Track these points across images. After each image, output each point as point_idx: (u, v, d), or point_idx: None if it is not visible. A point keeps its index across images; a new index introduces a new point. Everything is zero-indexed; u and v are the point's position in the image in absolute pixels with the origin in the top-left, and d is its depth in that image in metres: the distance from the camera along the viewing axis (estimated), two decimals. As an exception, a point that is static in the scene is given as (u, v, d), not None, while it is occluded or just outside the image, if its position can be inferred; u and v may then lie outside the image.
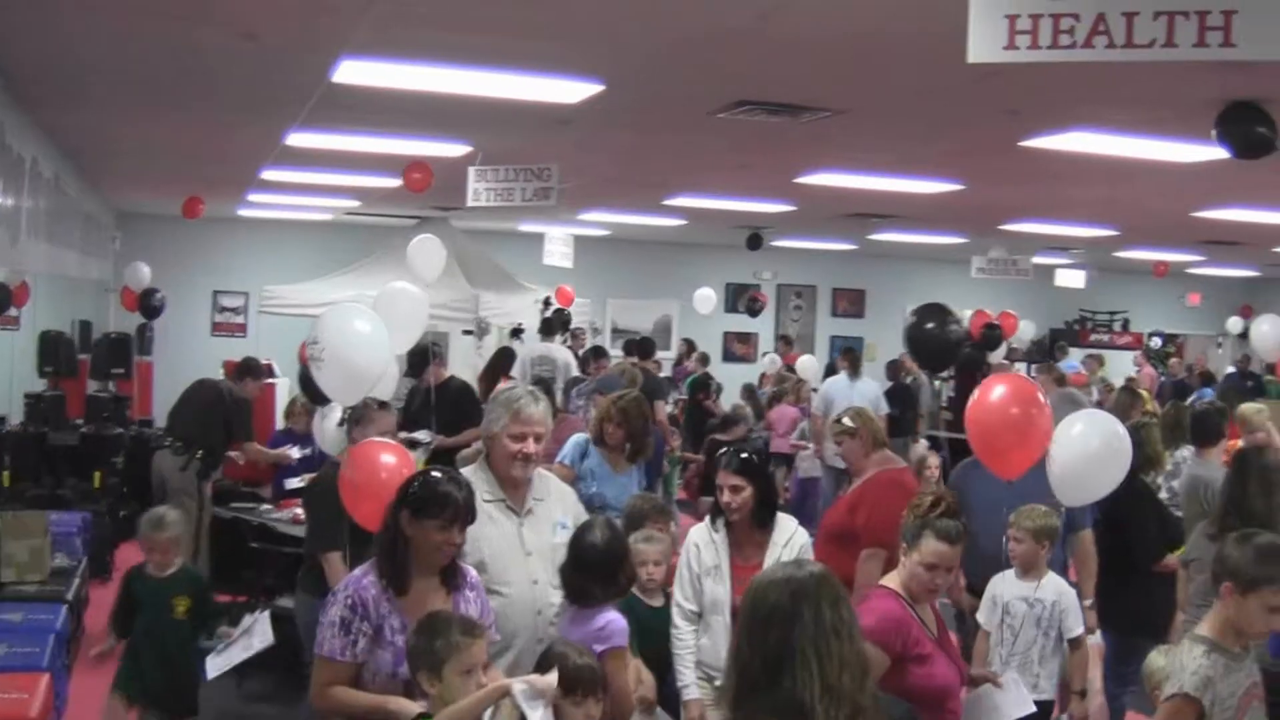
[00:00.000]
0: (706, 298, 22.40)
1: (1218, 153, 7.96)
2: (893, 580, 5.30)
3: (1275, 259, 21.72)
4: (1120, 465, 6.29)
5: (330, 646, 4.64)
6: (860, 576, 7.23)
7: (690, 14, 6.37)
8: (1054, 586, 6.68)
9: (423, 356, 12.03)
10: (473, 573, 5.06)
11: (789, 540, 6.27)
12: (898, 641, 5.00)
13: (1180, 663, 4.55)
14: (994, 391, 6.32)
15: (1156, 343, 26.29)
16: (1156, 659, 5.36)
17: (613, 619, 5.20)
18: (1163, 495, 9.24)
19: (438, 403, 11.33)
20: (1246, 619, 4.56)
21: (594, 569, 5.25)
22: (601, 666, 4.85)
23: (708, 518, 6.40)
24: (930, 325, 8.32)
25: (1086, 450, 6.23)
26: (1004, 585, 6.73)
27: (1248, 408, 10.32)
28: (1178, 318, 28.07)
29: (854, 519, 7.46)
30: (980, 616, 6.79)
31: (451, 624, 4.42)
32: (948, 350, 8.35)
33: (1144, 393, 17.16)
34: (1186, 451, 9.56)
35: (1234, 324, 24.51)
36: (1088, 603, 7.24)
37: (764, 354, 23.24)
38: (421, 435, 11.19)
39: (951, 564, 5.23)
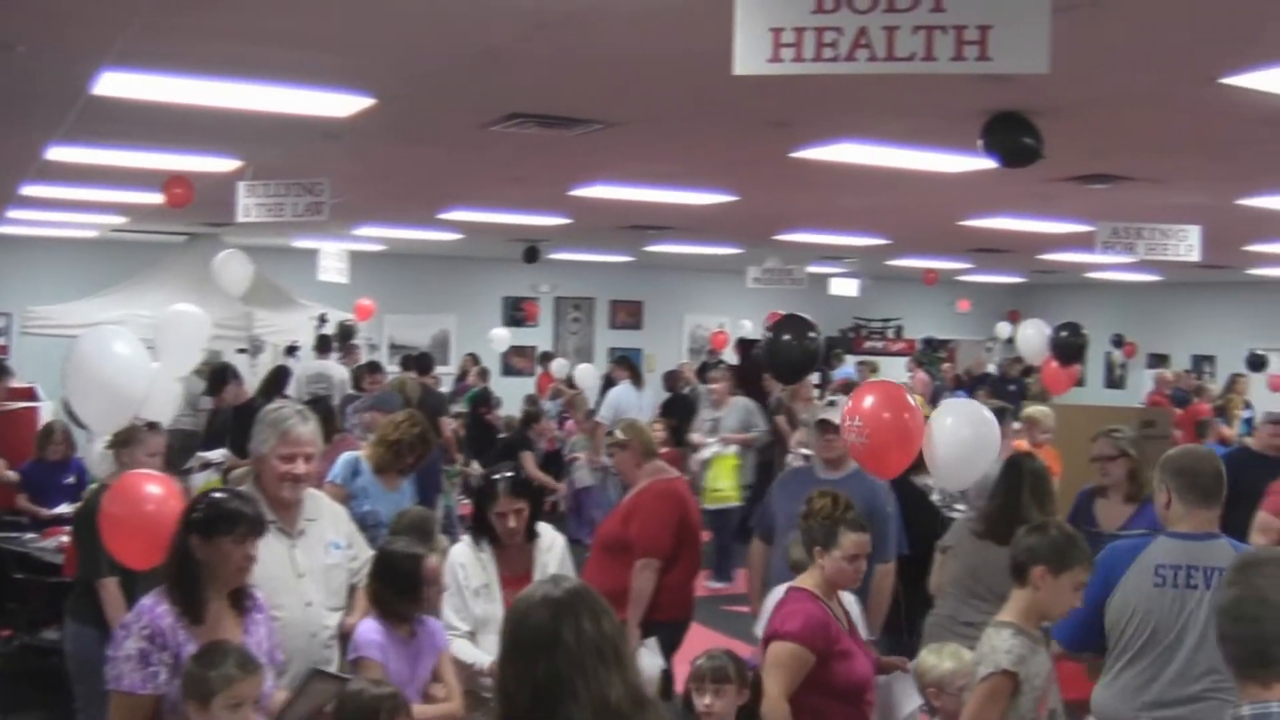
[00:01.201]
0: (502, 338, 22.31)
1: (983, 163, 8.14)
2: (807, 581, 5.59)
3: (1040, 265, 22.37)
4: (992, 448, 6.58)
5: (130, 681, 4.43)
6: (636, 587, 7.33)
7: (460, 27, 6.31)
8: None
9: (221, 376, 11.76)
10: (260, 596, 4.95)
11: (550, 546, 6.31)
12: (822, 640, 5.33)
13: (990, 645, 4.74)
14: (866, 400, 6.61)
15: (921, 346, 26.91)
16: (928, 658, 5.45)
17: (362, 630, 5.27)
18: (935, 497, 9.41)
19: (237, 423, 11.08)
20: (1057, 598, 4.83)
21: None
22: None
23: (468, 536, 6.35)
24: (788, 337, 8.32)
25: (960, 438, 6.50)
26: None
27: (1037, 410, 10.58)
28: (949, 323, 28.76)
29: (628, 529, 7.52)
30: (758, 630, 6.82)
31: (229, 656, 4.31)
32: (806, 362, 8.37)
33: (917, 397, 17.52)
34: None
35: (1002, 329, 25.21)
36: (873, 639, 7.30)
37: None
38: (214, 455, 10.95)
39: (866, 549, 5.62)
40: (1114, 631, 5.43)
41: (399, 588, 5.41)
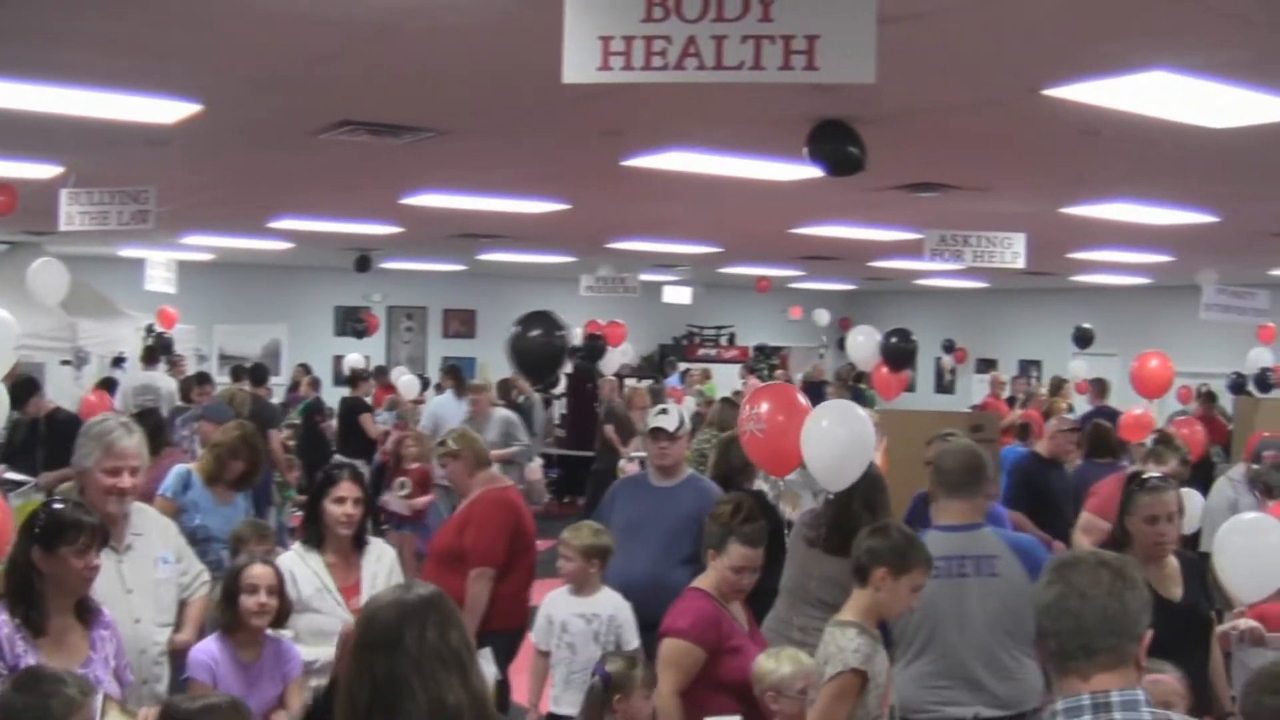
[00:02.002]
0: (355, 360, 21.96)
1: (813, 171, 8.22)
2: (704, 582, 5.74)
3: (871, 273, 22.70)
4: (867, 448, 6.65)
5: None
6: (471, 596, 7.30)
7: (287, 34, 6.22)
8: (610, 601, 6.72)
9: (26, 388, 11.46)
10: (106, 612, 4.85)
11: (380, 557, 6.32)
12: (712, 637, 5.49)
13: (836, 645, 4.86)
14: (761, 405, 6.95)
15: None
16: (765, 662, 5.49)
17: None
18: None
19: (44, 436, 10.80)
20: (896, 599, 4.99)
21: None
22: None
23: (298, 543, 6.30)
24: (536, 333, 8.28)
25: (836, 438, 6.59)
26: (559, 604, 6.76)
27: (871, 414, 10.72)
28: (781, 331, 29.05)
29: (462, 539, 7.48)
30: (535, 637, 6.81)
31: (63, 680, 4.06)
32: (554, 359, 8.34)
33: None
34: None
35: (820, 315, 25.49)
36: None
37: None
38: (18, 477, 10.66)
39: (756, 565, 5.70)
40: (901, 623, 5.65)
41: (226, 599, 5.35)
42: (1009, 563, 5.78)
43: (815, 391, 16.40)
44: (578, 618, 6.65)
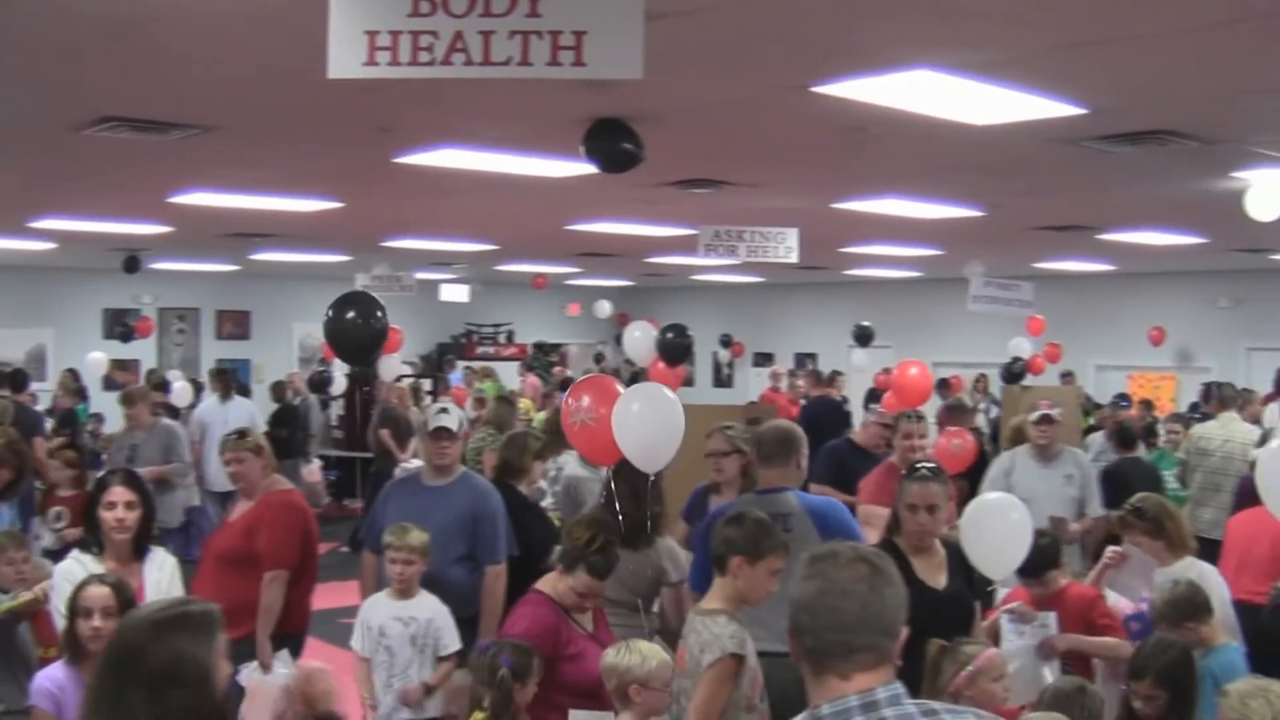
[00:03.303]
0: (98, 362, 21.23)
1: (587, 168, 8.21)
2: (548, 585, 5.98)
3: (648, 269, 22.84)
4: (676, 431, 6.81)
5: None
6: (268, 599, 7.28)
7: (36, 25, 6.00)
8: (428, 605, 6.74)
9: None
10: None
11: (161, 565, 6.29)
12: (549, 643, 5.68)
13: (710, 633, 4.98)
14: (584, 397, 7.08)
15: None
16: (618, 656, 5.50)
17: None
18: (548, 502, 9.48)
19: None
20: (755, 585, 5.19)
21: None
22: None
23: (76, 550, 6.16)
24: (352, 315, 8.11)
25: (647, 423, 6.74)
26: (376, 608, 6.78)
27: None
28: (560, 327, 29.09)
29: (253, 542, 7.39)
30: (355, 644, 6.78)
31: None
32: (372, 342, 8.17)
33: (525, 402, 17.66)
34: (567, 456, 9.82)
35: (602, 307, 25.63)
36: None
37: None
38: None
39: (600, 593, 6.01)
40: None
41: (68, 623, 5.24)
42: (801, 520, 6.37)
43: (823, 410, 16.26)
44: (395, 621, 6.66)
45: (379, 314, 8.11)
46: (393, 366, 17.33)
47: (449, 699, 6.70)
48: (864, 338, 22.56)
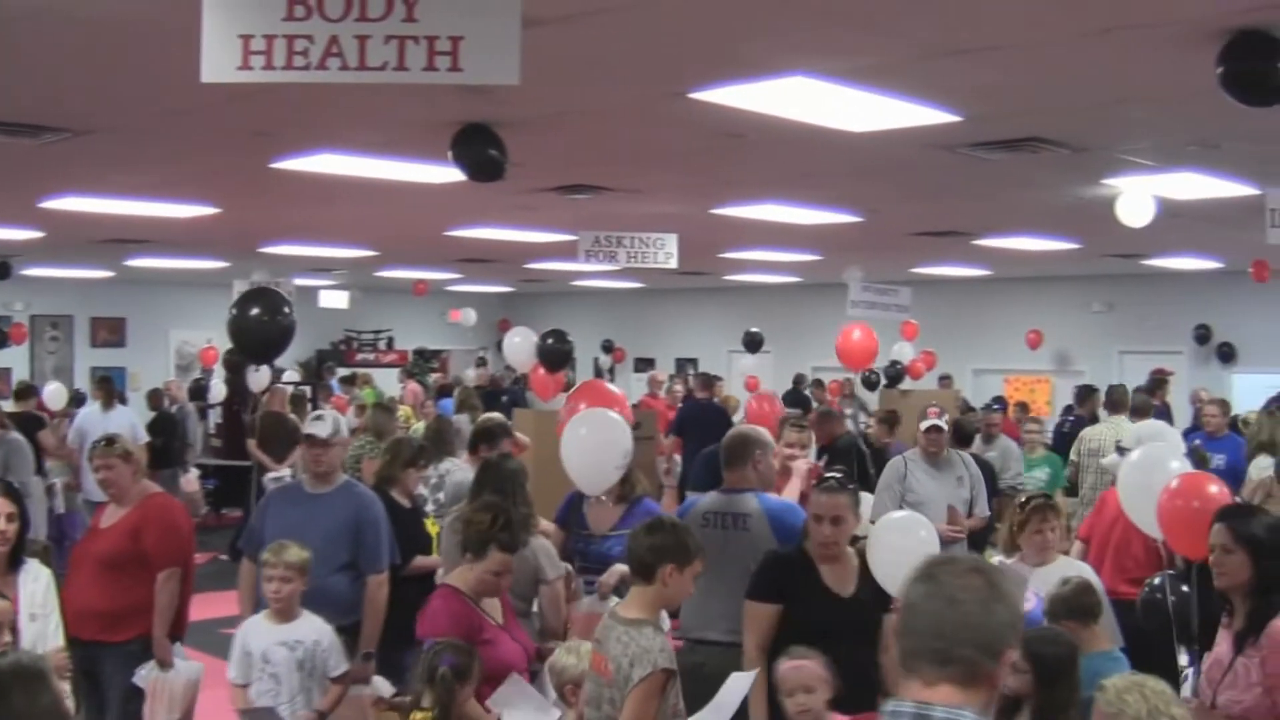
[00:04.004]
0: (58, 392, 20.72)
1: (462, 174, 8.20)
2: (457, 579, 6.05)
3: (528, 275, 22.81)
4: (621, 450, 7.26)
5: None
6: (167, 597, 7.27)
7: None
8: (313, 626, 6.51)
9: None
10: None
11: (36, 577, 6.18)
12: (465, 631, 5.75)
13: (639, 646, 4.90)
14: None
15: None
16: (564, 657, 5.48)
17: None
18: (430, 507, 9.43)
19: None
20: (681, 590, 5.21)
21: None
22: None
23: None
24: (257, 311, 7.99)
25: (587, 443, 7.11)
26: (256, 633, 6.49)
27: (493, 417, 10.73)
28: (441, 334, 28.95)
29: (139, 544, 7.30)
30: (232, 672, 6.48)
31: None
32: (278, 338, 8.06)
33: (404, 409, 17.56)
34: (450, 463, 9.78)
35: (469, 315, 25.57)
36: (368, 651, 7.20)
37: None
38: None
39: (512, 568, 6.07)
40: None
41: None
42: (759, 521, 6.92)
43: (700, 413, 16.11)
44: (280, 646, 6.40)
45: (285, 310, 8.04)
46: (263, 375, 17.20)
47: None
48: (753, 344, 22.72)
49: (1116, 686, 4.30)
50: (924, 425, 9.64)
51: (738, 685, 5.21)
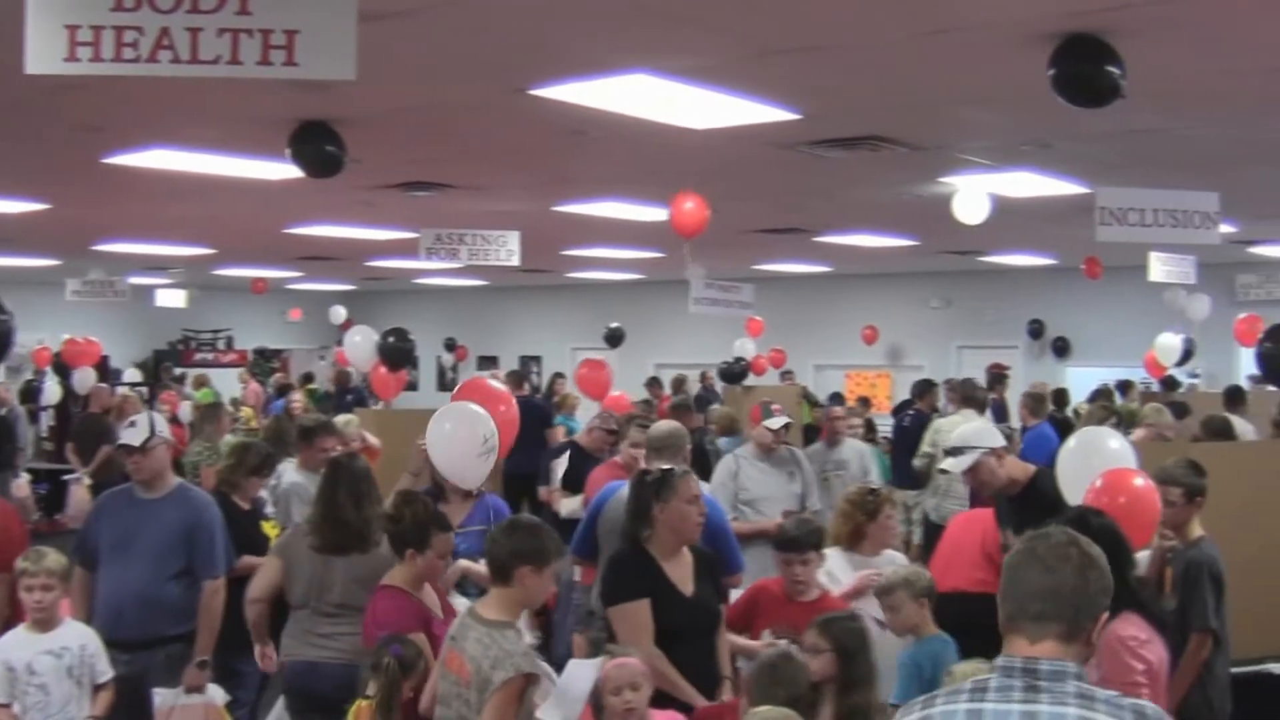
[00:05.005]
0: None
1: (300, 170, 8.09)
2: (395, 579, 5.95)
3: (370, 272, 22.61)
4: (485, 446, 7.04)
5: None
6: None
7: None
8: (76, 632, 6.26)
9: None
10: None
11: None
12: (416, 626, 5.71)
13: (501, 649, 4.82)
14: None
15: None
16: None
17: None
18: (270, 509, 9.28)
19: None
20: (539, 591, 5.14)
21: None
22: None
23: None
24: None
25: (455, 438, 6.97)
26: (16, 647, 6.14)
27: (344, 418, 10.62)
28: (282, 333, 28.58)
29: None
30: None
31: None
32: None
33: (246, 410, 17.31)
34: (288, 464, 9.64)
35: (336, 313, 25.34)
36: (203, 659, 7.03)
37: None
38: None
39: (453, 545, 6.18)
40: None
41: None
42: None
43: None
44: (46, 656, 6.17)
45: (3, 316, 7.87)
46: (87, 376, 16.85)
47: None
48: (614, 339, 22.74)
49: (963, 672, 4.39)
50: (773, 424, 9.66)
51: (581, 673, 5.20)
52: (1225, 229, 10.22)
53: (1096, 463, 6.35)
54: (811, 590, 6.32)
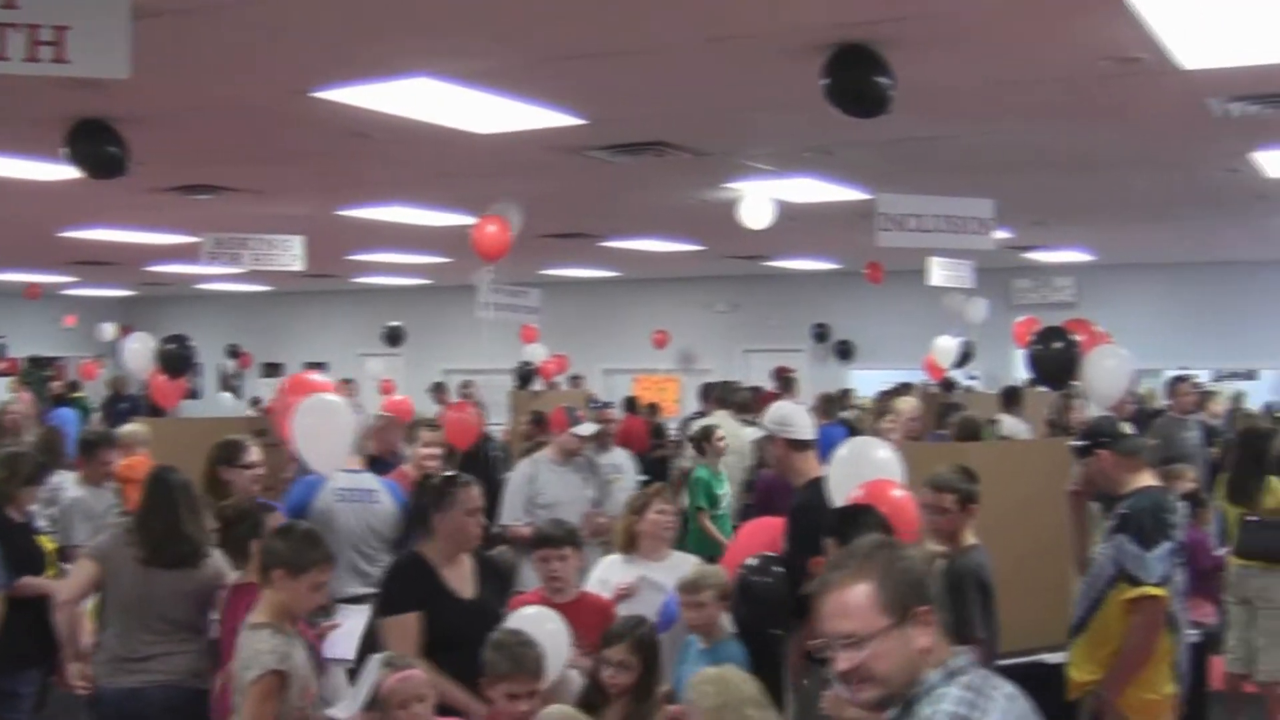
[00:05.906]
0: None
1: (75, 171, 7.86)
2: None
3: (150, 278, 22.14)
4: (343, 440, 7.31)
5: None
6: None
7: None
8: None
9: None
10: None
11: None
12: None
13: (252, 649, 4.85)
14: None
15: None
16: None
17: None
18: (43, 523, 9.02)
19: None
20: (298, 599, 5.05)
21: None
22: None
23: None
24: None
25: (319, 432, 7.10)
26: None
27: (129, 429, 10.33)
28: (57, 340, 27.80)
29: None
30: None
31: None
32: None
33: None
34: (61, 477, 9.36)
35: (106, 329, 24.73)
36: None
37: None
38: None
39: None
40: None
41: None
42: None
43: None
44: None
45: None
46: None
47: None
48: (394, 337, 22.60)
49: (700, 678, 4.49)
50: (583, 430, 9.66)
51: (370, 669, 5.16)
52: (1000, 235, 10.53)
53: (866, 471, 6.48)
54: (570, 589, 6.29)
